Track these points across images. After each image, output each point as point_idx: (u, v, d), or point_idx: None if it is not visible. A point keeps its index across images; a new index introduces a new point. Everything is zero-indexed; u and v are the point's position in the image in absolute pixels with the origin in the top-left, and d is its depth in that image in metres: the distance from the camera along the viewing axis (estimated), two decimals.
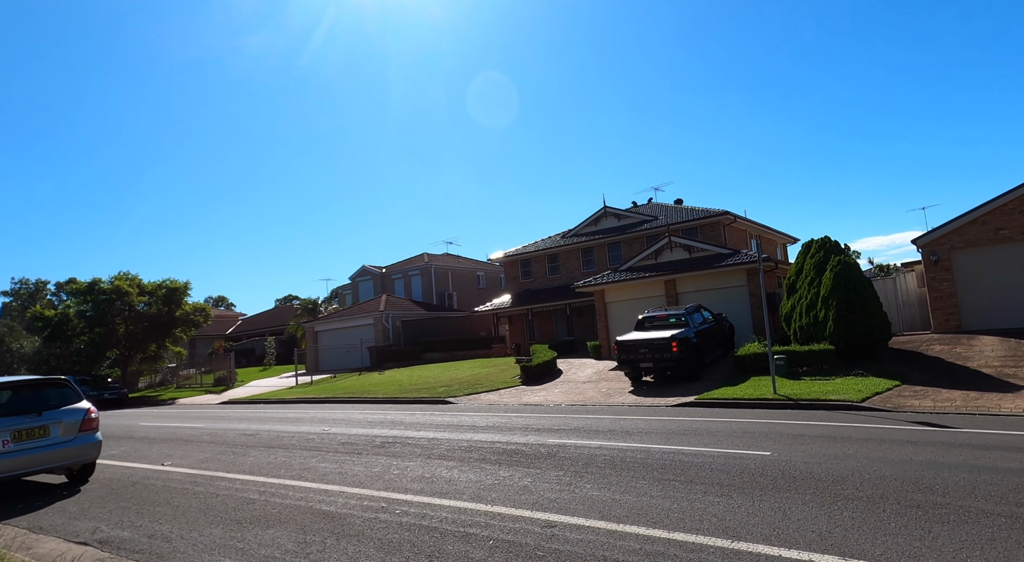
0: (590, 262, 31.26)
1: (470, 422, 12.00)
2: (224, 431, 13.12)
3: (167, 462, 9.53)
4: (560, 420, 11.65)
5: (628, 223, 30.83)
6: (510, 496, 6.07)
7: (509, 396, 17.39)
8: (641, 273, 23.04)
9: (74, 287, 30.15)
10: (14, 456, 7.51)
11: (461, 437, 10.00)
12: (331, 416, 15.14)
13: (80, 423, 8.20)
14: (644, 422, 10.74)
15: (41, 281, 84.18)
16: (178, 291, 31.35)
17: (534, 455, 8.08)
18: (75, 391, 8.52)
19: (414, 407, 16.67)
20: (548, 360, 20.78)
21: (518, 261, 33.70)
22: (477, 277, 41.11)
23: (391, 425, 12.26)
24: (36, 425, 7.78)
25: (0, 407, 7.87)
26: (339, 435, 11.17)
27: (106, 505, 6.98)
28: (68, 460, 8.04)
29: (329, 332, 33.69)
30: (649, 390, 15.76)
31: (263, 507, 6.34)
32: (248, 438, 11.65)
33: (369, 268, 40.14)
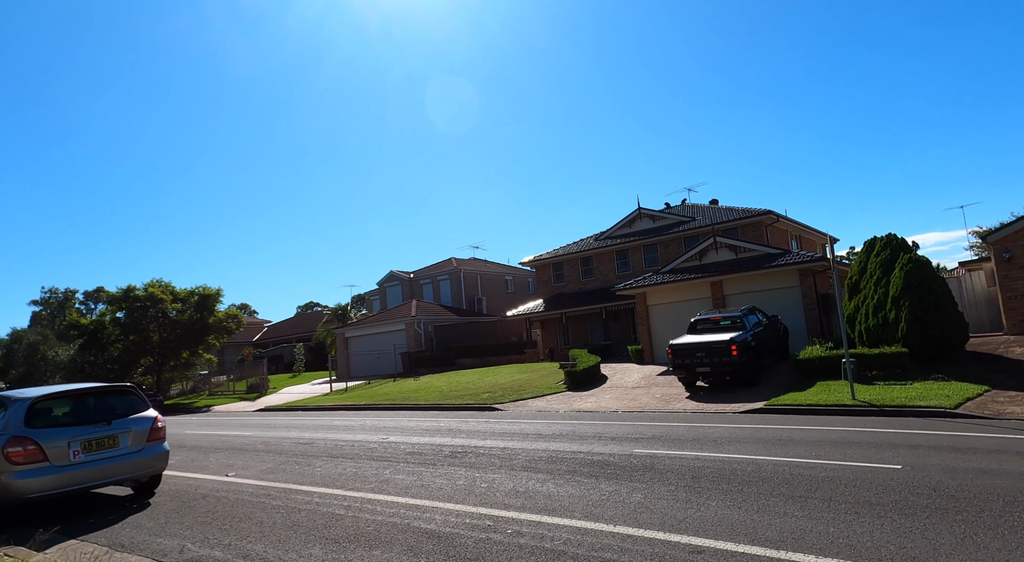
0: (625, 265, 30.63)
1: (533, 430, 11.48)
2: (277, 440, 12.75)
3: (231, 473, 9.15)
4: (629, 428, 11.09)
5: (664, 224, 30.18)
6: (629, 514, 5.54)
7: (558, 402, 16.86)
8: (685, 275, 22.38)
9: (110, 294, 30.23)
10: (85, 467, 7.16)
11: (534, 446, 9.49)
12: (381, 424, 14.72)
13: (148, 432, 7.86)
14: (725, 430, 10.14)
15: (70, 290, 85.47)
16: (210, 298, 31.33)
17: (628, 467, 7.54)
18: (142, 399, 8.17)
19: (463, 414, 16.19)
20: (592, 365, 20.21)
21: (550, 264, 33.18)
22: (505, 281, 40.66)
23: (450, 433, 11.79)
24: (106, 435, 7.44)
25: (68, 416, 7.56)
26: (401, 444, 10.72)
27: (183, 520, 6.59)
28: (138, 471, 7.69)
29: (359, 338, 33.43)
30: (706, 396, 15.12)
31: (355, 524, 5.89)
32: (305, 447, 11.26)
33: (397, 273, 39.90)
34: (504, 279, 40.61)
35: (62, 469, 7.01)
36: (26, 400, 7.25)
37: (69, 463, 7.08)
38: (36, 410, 7.24)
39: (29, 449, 6.87)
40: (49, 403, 7.46)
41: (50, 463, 6.96)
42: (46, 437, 7.02)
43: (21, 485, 6.74)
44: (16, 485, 6.73)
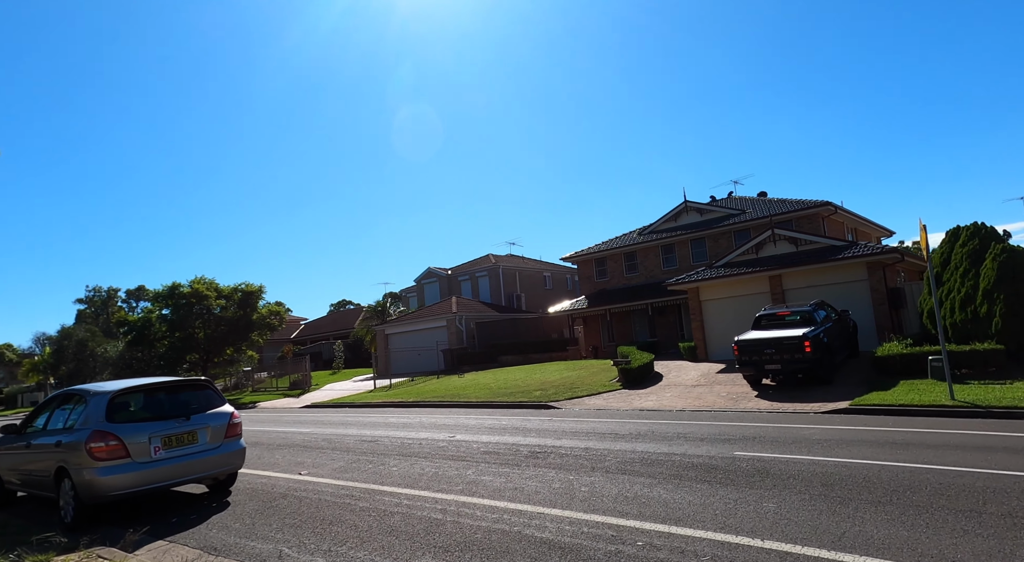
0: (671, 260, 29.79)
1: (607, 429, 10.92)
2: (338, 437, 12.45)
3: (303, 471, 8.82)
4: (711, 428, 10.44)
5: (712, 218, 29.23)
6: (772, 526, 4.94)
7: (616, 400, 16.26)
8: (741, 269, 21.50)
9: (156, 292, 30.65)
10: (166, 464, 6.88)
11: (619, 447, 8.94)
12: (439, 421, 14.34)
13: (226, 428, 7.55)
14: (820, 432, 9.42)
15: (112, 289, 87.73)
16: (253, 294, 31.52)
17: (737, 471, 6.93)
18: (217, 394, 7.88)
19: (520, 412, 15.72)
20: (647, 363, 19.54)
21: (592, 260, 32.50)
22: (544, 278, 40.11)
23: (518, 432, 11.31)
24: (185, 430, 7.15)
25: (147, 411, 7.30)
26: (472, 443, 10.28)
27: (269, 522, 6.23)
28: (216, 469, 7.38)
29: (399, 335, 33.27)
30: (777, 395, 14.35)
31: (459, 530, 5.43)
32: (371, 445, 10.91)
33: (435, 270, 39.69)
34: (542, 275, 40.05)
35: (144, 466, 6.74)
36: (106, 394, 7.00)
37: (150, 460, 6.80)
38: (116, 404, 6.99)
39: (111, 445, 6.61)
40: (128, 397, 7.21)
41: (132, 459, 6.70)
42: (127, 432, 6.75)
43: (104, 482, 6.48)
44: (99, 482, 6.47)
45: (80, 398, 7.30)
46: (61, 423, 7.36)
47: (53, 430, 7.38)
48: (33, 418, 8.06)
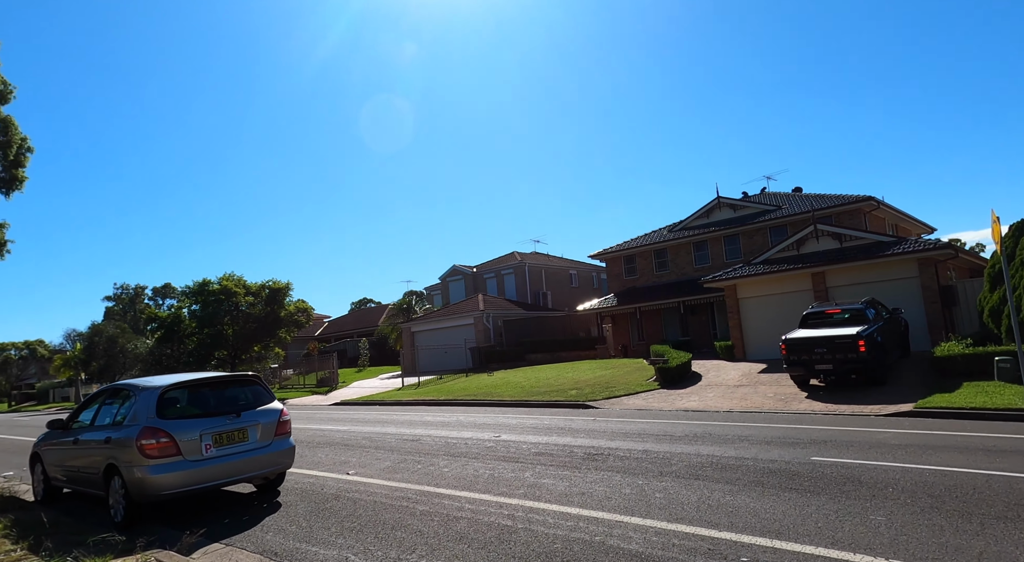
0: (703, 257, 29.12)
1: (659, 431, 10.46)
2: (378, 435, 12.16)
3: (350, 471, 8.51)
4: (769, 430, 9.92)
5: (746, 214, 28.49)
6: (894, 545, 4.46)
7: (656, 401, 15.76)
8: (781, 266, 20.82)
9: (186, 288, 30.83)
10: (217, 463, 6.59)
11: (680, 450, 8.47)
12: (479, 420, 13.99)
13: (276, 426, 7.26)
14: (894, 436, 8.86)
15: (140, 286, 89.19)
16: (280, 291, 31.56)
17: (822, 478, 6.44)
18: (266, 390, 7.59)
19: (559, 411, 15.31)
20: (685, 362, 18.99)
21: (621, 257, 31.94)
22: (570, 276, 39.61)
23: (566, 432, 10.89)
24: (235, 428, 6.86)
25: (196, 407, 7.02)
26: (520, 443, 9.89)
27: (327, 525, 5.90)
28: (267, 468, 7.08)
29: (426, 332, 33.05)
30: (828, 396, 13.74)
31: (534, 539, 5.04)
32: (414, 444, 10.58)
33: (460, 267, 39.42)
34: (568, 273, 39.55)
35: (195, 464, 6.46)
36: (156, 389, 6.74)
37: (201, 458, 6.53)
38: (166, 400, 6.73)
39: (162, 442, 6.35)
40: (177, 393, 6.95)
41: (183, 457, 6.42)
42: (178, 429, 6.48)
43: (156, 480, 6.22)
44: (151, 480, 6.21)
45: (128, 393, 7.07)
46: (109, 419, 7.14)
47: (101, 426, 7.15)
48: (79, 413, 7.87)
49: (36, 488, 8.13)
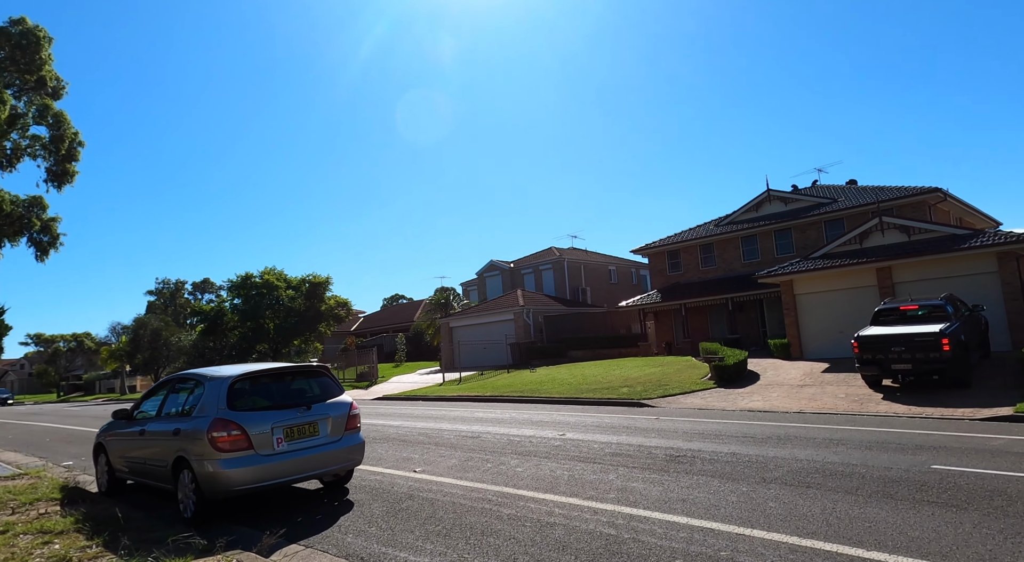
0: (753, 252, 28.06)
1: (735, 431, 9.80)
2: (434, 431, 11.79)
3: (418, 468, 8.11)
4: (858, 433, 9.17)
5: (798, 207, 27.33)
6: None
7: (716, 400, 15.04)
8: (842, 260, 19.78)
9: (230, 281, 31.16)
10: (288, 458, 6.24)
11: (771, 453, 7.83)
12: (535, 417, 13.51)
13: (346, 420, 6.88)
14: (1011, 443, 8.04)
15: (180, 281, 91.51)
16: (320, 285, 31.65)
17: (961, 489, 5.76)
18: (335, 381, 7.23)
19: (616, 410, 14.73)
20: (741, 360, 18.19)
21: (665, 252, 31.06)
22: (608, 271, 38.83)
23: (634, 432, 10.32)
24: (306, 421, 6.50)
25: (266, 398, 6.68)
26: (590, 442, 9.36)
27: (408, 527, 5.48)
28: (337, 464, 6.71)
29: (464, 328, 32.75)
30: (906, 398, 12.83)
31: (647, 550, 4.52)
32: (475, 441, 10.15)
33: (497, 262, 39.03)
34: (607, 269, 38.77)
35: (266, 459, 6.12)
36: (225, 379, 6.41)
37: (273, 452, 6.18)
38: (235, 390, 6.40)
39: (234, 434, 6.02)
40: (246, 383, 6.61)
41: (255, 451, 6.09)
42: (249, 421, 6.14)
43: (228, 475, 5.89)
44: (223, 475, 5.88)
45: (196, 383, 6.78)
46: (176, 409, 6.87)
47: (168, 416, 6.89)
48: (143, 403, 7.64)
49: (100, 479, 7.94)
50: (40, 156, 23.63)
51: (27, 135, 23.49)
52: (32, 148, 23.53)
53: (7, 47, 21.67)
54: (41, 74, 22.70)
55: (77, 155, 23.98)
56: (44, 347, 78.16)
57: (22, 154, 23.53)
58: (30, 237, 24.99)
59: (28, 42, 21.82)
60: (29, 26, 21.87)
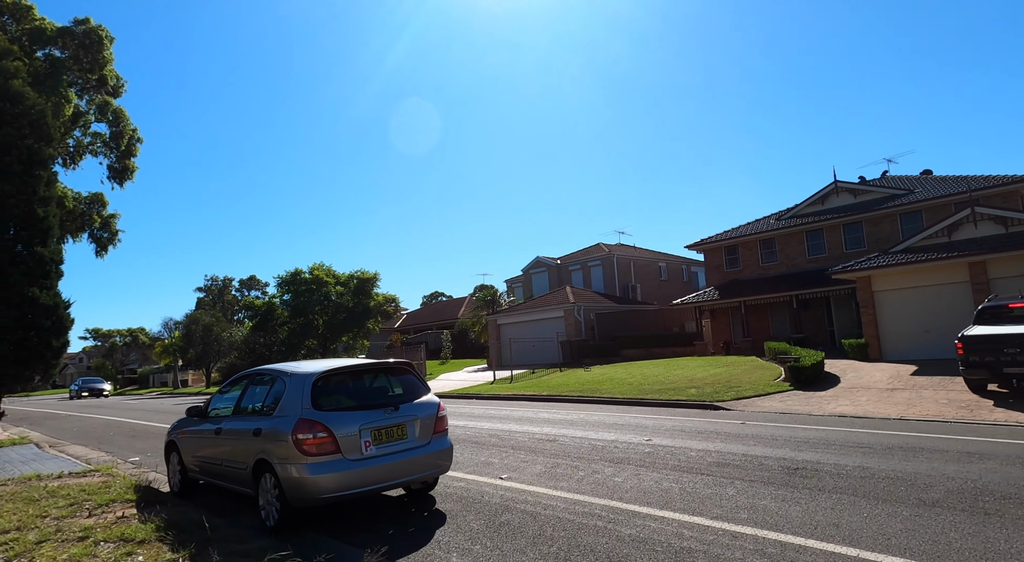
0: (818, 246, 26.57)
1: (844, 439, 8.82)
2: (504, 433, 11.16)
3: (503, 475, 7.47)
4: (1006, 447, 8.09)
5: (870, 199, 25.72)
6: None
7: (797, 403, 13.96)
8: (928, 254, 18.31)
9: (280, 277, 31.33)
10: (376, 463, 5.68)
11: (913, 469, 6.88)
12: (606, 419, 12.75)
13: (434, 422, 6.29)
14: None
15: (227, 278, 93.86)
16: (368, 282, 31.55)
17: None
18: (420, 379, 6.65)
19: (688, 412, 13.83)
20: (819, 361, 17.01)
21: (721, 248, 29.78)
22: (659, 268, 37.63)
23: (725, 438, 9.45)
24: (394, 423, 5.93)
25: (351, 397, 6.14)
26: (685, 449, 8.55)
27: (519, 547, 4.82)
28: (426, 471, 6.14)
29: (512, 325, 32.15)
30: (1018, 404, 11.55)
31: None
32: (553, 445, 9.47)
33: (543, 259, 38.30)
34: (657, 265, 37.58)
35: (354, 464, 5.56)
36: (309, 375, 5.89)
37: (361, 456, 5.63)
38: (319, 388, 5.87)
39: (320, 437, 5.48)
40: (330, 380, 6.08)
41: (342, 455, 5.54)
42: (336, 422, 5.60)
43: (316, 482, 5.35)
44: (310, 482, 5.35)
45: (275, 380, 6.28)
46: (255, 408, 6.40)
47: (247, 415, 6.42)
48: (216, 401, 7.22)
49: (172, 479, 7.58)
50: (101, 153, 24.08)
51: (88, 132, 23.96)
52: (94, 145, 23.99)
53: (71, 47, 22.09)
54: (102, 73, 23.09)
55: (136, 151, 24.36)
56: (101, 342, 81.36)
57: (84, 151, 24.02)
58: (91, 233, 25.57)
59: (91, 41, 22.20)
60: (92, 26, 22.25)
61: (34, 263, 13.83)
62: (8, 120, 13.75)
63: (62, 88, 20.97)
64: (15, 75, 14.18)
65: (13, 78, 14.07)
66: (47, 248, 14.16)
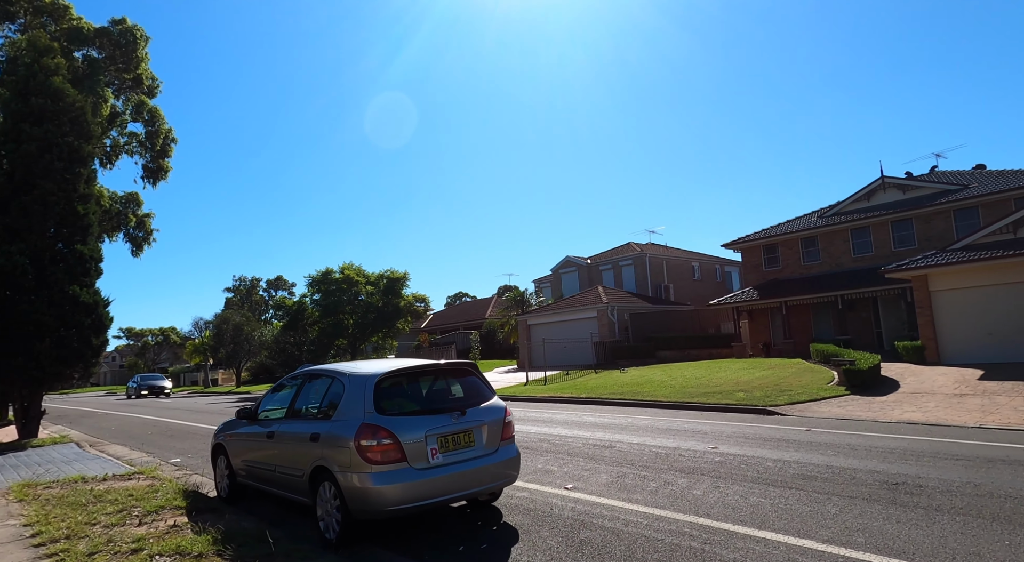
0: (864, 245, 25.52)
1: (930, 449, 8.12)
2: (555, 437, 10.64)
3: (568, 485, 6.95)
4: None
5: (920, 195, 24.59)
6: None
7: (857, 409, 13.18)
8: (992, 252, 17.29)
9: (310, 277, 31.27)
10: (444, 473, 5.21)
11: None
12: (658, 424, 12.15)
13: (502, 427, 5.80)
14: None
15: (255, 278, 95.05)
16: (398, 281, 31.30)
17: None
18: (484, 382, 6.17)
19: (743, 418, 13.16)
20: (876, 365, 16.17)
21: (760, 247, 28.85)
22: (691, 268, 36.74)
23: (800, 447, 8.80)
24: (461, 429, 5.46)
25: (414, 401, 5.70)
26: (759, 459, 7.93)
27: None
28: (494, 482, 5.66)
29: (543, 326, 31.61)
30: None
31: None
32: (611, 452, 8.93)
33: (573, 258, 37.68)
34: (690, 265, 36.69)
35: (421, 474, 5.11)
36: (371, 376, 5.45)
37: (428, 465, 5.17)
38: (382, 391, 5.43)
39: (385, 444, 5.03)
40: (393, 382, 5.64)
41: (408, 464, 5.08)
42: (401, 428, 5.15)
43: (382, 493, 4.90)
44: (375, 492, 4.90)
45: (332, 381, 5.86)
46: (310, 410, 6.00)
47: (301, 418, 6.03)
48: (267, 402, 6.84)
49: (219, 483, 7.22)
50: (136, 153, 24.21)
51: (125, 132, 24.10)
52: (130, 145, 24.12)
53: (108, 47, 22.21)
54: (138, 73, 23.20)
55: (170, 151, 24.44)
56: (134, 340, 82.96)
57: (120, 151, 24.17)
58: (126, 232, 25.73)
59: (127, 41, 22.30)
60: (128, 25, 22.35)
61: (74, 261, 13.76)
62: (49, 117, 13.71)
63: (99, 88, 21.08)
64: (55, 72, 14.14)
65: (53, 75, 14.03)
66: (87, 246, 14.09)
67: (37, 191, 13.27)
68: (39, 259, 13.24)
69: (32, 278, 13.06)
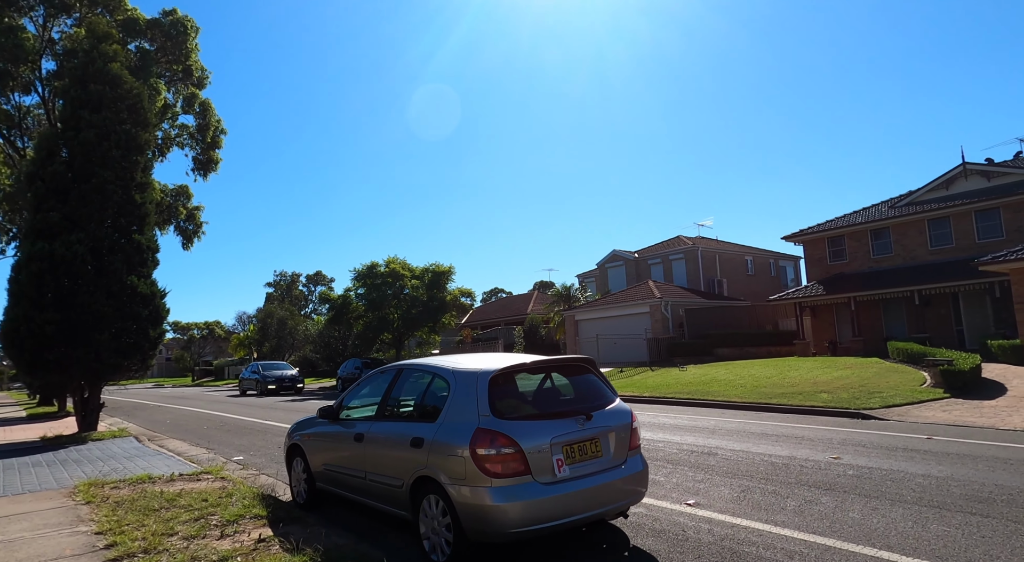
0: (943, 236, 23.74)
1: None
2: (645, 443, 9.65)
3: (690, 500, 6.07)
4: None
5: (1009, 182, 22.70)
6: None
7: (965, 413, 11.90)
8: None
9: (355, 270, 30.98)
10: (571, 488, 4.40)
11: None
12: (747, 427, 11.14)
13: (629, 434, 4.96)
14: None
15: (295, 273, 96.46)
16: (443, 275, 30.77)
17: None
18: (604, 381, 5.32)
19: (840, 422, 12.03)
20: (976, 366, 14.77)
21: (824, 239, 27.24)
22: (745, 262, 35.17)
23: (943, 459, 7.72)
24: (587, 436, 4.64)
25: (534, 403, 4.90)
26: (904, 474, 6.90)
27: None
28: (622, 500, 4.82)
29: (591, 321, 30.65)
30: None
31: None
32: (712, 459, 8.01)
33: (620, 253, 36.52)
34: (744, 259, 35.12)
35: (547, 489, 4.31)
36: (484, 373, 4.64)
37: (554, 479, 4.36)
38: (498, 390, 4.64)
39: (505, 453, 4.25)
40: (509, 380, 4.85)
41: (532, 478, 4.28)
42: (522, 434, 4.35)
43: (504, 512, 4.12)
44: (496, 511, 4.12)
45: (433, 377, 5.11)
46: (409, 411, 5.27)
47: (398, 419, 5.31)
48: (349, 399, 6.15)
49: (296, 487, 6.57)
50: (187, 145, 24.18)
51: (176, 124, 24.10)
52: (180, 137, 24.11)
53: (159, 38, 22.16)
54: (188, 64, 23.12)
55: (220, 143, 24.35)
56: (181, 334, 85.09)
57: (171, 143, 24.19)
58: (176, 225, 25.83)
59: (177, 32, 22.21)
60: (179, 16, 22.25)
61: (132, 250, 13.49)
62: (107, 104, 13.44)
63: (152, 80, 21.02)
64: (113, 58, 13.88)
65: (112, 61, 13.76)
66: (144, 235, 13.81)
67: (96, 179, 13.01)
68: (98, 249, 12.98)
69: (91, 268, 12.81)
